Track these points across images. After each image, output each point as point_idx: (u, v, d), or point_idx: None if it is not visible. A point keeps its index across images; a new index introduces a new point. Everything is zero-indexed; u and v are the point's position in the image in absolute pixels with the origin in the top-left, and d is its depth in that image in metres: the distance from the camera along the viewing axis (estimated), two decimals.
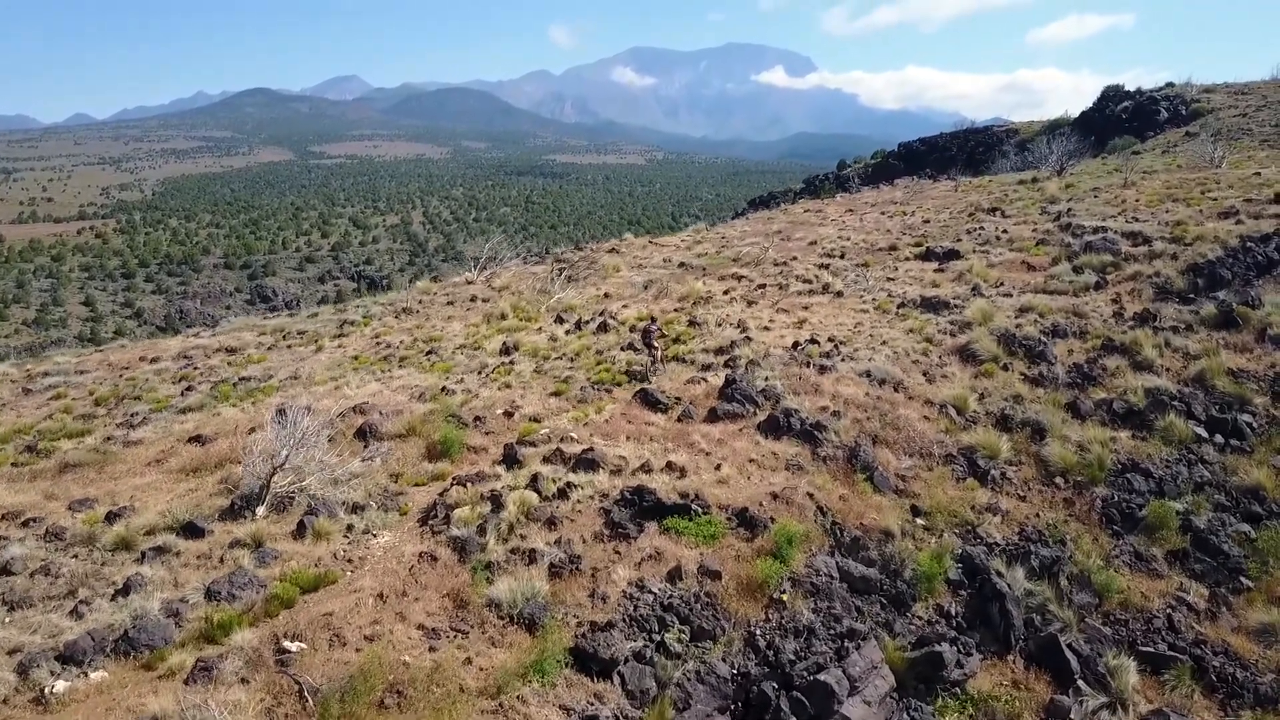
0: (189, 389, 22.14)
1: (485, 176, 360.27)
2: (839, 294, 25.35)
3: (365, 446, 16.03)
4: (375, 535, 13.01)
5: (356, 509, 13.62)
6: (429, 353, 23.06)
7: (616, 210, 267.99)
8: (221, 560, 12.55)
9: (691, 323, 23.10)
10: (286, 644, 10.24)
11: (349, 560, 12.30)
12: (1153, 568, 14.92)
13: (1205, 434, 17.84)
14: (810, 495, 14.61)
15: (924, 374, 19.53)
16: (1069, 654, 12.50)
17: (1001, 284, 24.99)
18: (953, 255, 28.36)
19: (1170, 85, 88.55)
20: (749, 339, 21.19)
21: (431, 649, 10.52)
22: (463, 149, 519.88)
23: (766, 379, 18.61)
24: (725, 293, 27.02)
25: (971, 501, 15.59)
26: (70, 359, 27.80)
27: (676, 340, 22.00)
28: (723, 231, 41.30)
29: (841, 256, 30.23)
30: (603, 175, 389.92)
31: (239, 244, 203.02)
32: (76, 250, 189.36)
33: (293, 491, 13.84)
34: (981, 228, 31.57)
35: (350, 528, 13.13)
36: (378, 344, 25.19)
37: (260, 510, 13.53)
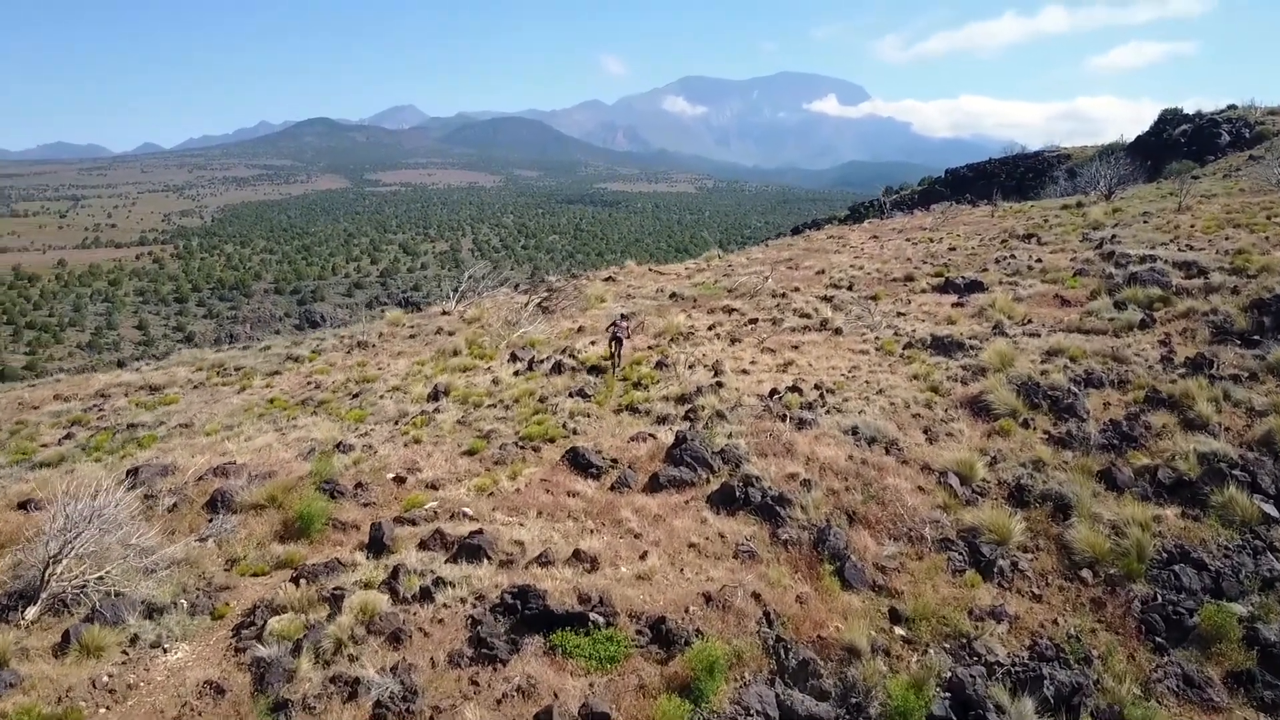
0: (67, 436, 19.70)
1: (536, 204, 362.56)
2: (837, 331, 22.09)
3: (210, 520, 13.16)
4: (167, 651, 10.00)
5: (155, 611, 10.60)
6: (355, 395, 20.37)
7: (664, 237, 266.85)
8: None
9: (659, 364, 20.05)
10: None
11: (112, 690, 9.26)
12: (1207, 696, 11.36)
13: (1276, 513, 14.19)
14: (757, 596, 11.43)
15: (924, 431, 16.23)
16: None
17: (1029, 321, 21.54)
18: (975, 287, 24.94)
19: (1232, 107, 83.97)
20: (720, 384, 18.08)
21: None
22: (515, 177, 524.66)
23: (730, 435, 15.50)
24: (710, 328, 23.93)
25: (970, 603, 12.19)
26: None
27: (637, 385, 18.96)
28: (731, 259, 38.23)
29: (849, 288, 26.95)
30: (652, 203, 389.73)
31: (290, 270, 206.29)
32: (133, 275, 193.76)
33: (84, 585, 10.89)
34: (1013, 256, 28.07)
35: (135, 639, 10.10)
36: (307, 384, 22.55)
37: (31, 612, 10.61)
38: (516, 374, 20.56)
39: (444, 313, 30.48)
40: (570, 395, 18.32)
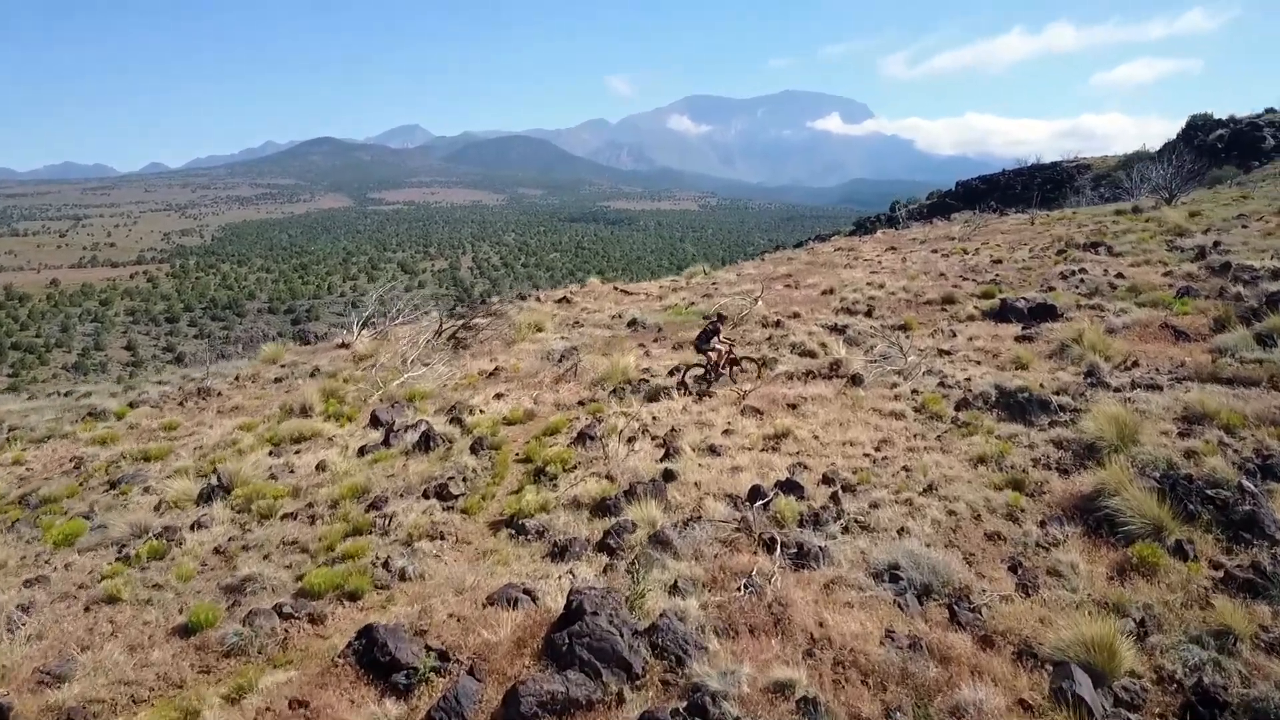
0: None
1: (539, 223, 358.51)
2: (855, 380, 15.35)
3: None
4: None
5: None
6: (114, 484, 13.51)
7: (666, 255, 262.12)
8: None
9: (582, 436, 13.25)
10: None
11: None
12: None
13: None
14: None
15: (1012, 569, 9.47)
16: None
17: (1134, 364, 14.82)
18: (1044, 313, 18.22)
19: (1271, 111, 77.86)
20: (672, 475, 11.36)
21: None
22: (519, 196, 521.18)
23: (674, 587, 8.77)
24: (673, 372, 17.16)
25: None
26: None
27: (540, 474, 12.16)
28: (718, 275, 31.47)
29: (868, 313, 20.22)
30: (655, 221, 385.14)
31: (285, 288, 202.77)
32: (125, 294, 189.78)
33: None
34: (1082, 270, 21.33)
35: None
36: (68, 460, 15.63)
37: None
38: (362, 451, 13.83)
39: (341, 345, 23.76)
40: (424, 495, 11.57)
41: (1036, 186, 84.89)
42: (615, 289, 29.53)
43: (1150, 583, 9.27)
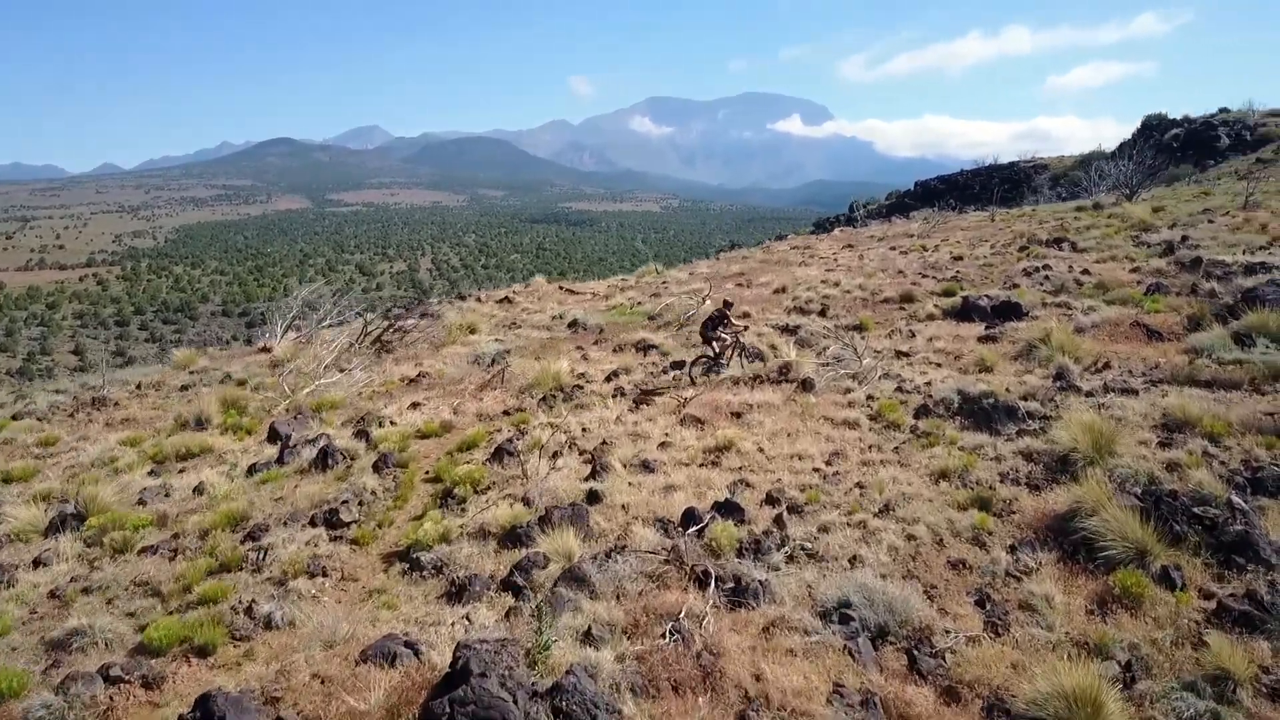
0: None
1: (500, 224, 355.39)
2: (806, 385, 14.09)
3: None
4: None
5: None
6: None
7: (629, 256, 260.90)
8: None
9: (499, 453, 11.83)
10: None
11: None
12: None
13: None
14: None
15: (979, 603, 8.26)
16: None
17: (1106, 366, 13.73)
18: (1009, 311, 17.13)
19: (1225, 110, 78.43)
20: (597, 497, 10.01)
21: None
22: (479, 197, 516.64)
23: (586, 635, 7.43)
24: (610, 377, 15.80)
25: None
26: None
27: (447, 497, 10.72)
28: (669, 274, 30.14)
29: (821, 313, 19.01)
30: (618, 222, 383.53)
31: (240, 291, 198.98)
32: (74, 297, 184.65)
33: None
34: (1046, 266, 20.32)
35: None
36: None
37: None
38: (251, 470, 12.31)
39: (263, 349, 22.07)
40: (311, 523, 10.09)
41: (995, 186, 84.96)
42: (560, 288, 28.10)
43: (1135, 617, 8.12)
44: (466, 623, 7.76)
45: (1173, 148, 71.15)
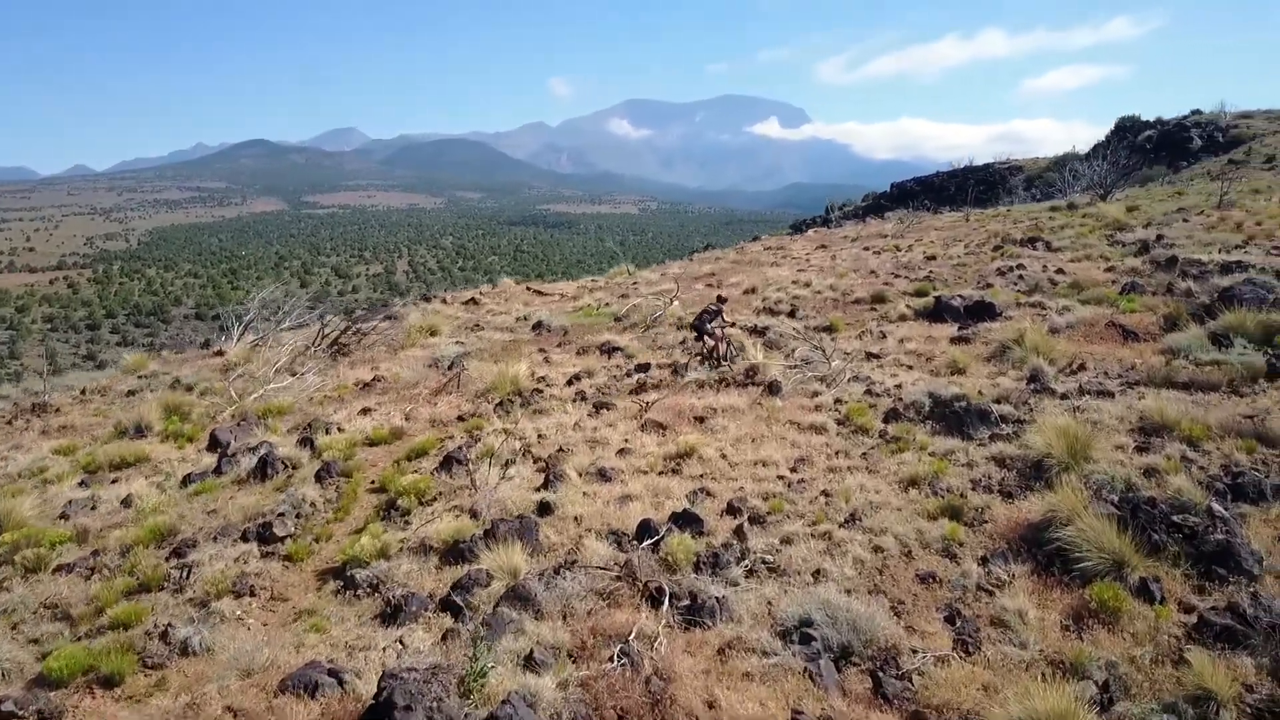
0: None
1: (477, 226, 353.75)
2: (772, 389, 13.60)
3: None
4: None
5: None
6: None
7: (606, 259, 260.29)
8: None
9: (448, 461, 11.23)
10: None
11: None
12: None
13: None
14: None
15: (949, 620, 7.80)
16: None
17: (1081, 367, 13.34)
18: (982, 311, 16.74)
19: (1197, 112, 79.04)
20: (549, 508, 9.48)
21: None
22: (457, 199, 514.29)
23: (527, 660, 6.88)
24: (571, 380, 15.24)
25: None
26: None
27: (390, 509, 10.13)
28: (641, 275, 29.62)
29: (791, 314, 18.56)
30: (596, 224, 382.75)
31: (214, 294, 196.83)
32: (44, 301, 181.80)
33: None
34: (1020, 266, 19.98)
35: None
36: None
37: None
38: (187, 481, 11.66)
39: (218, 353, 21.33)
40: (242, 537, 9.47)
41: (970, 187, 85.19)
42: (528, 289, 27.51)
43: (1112, 633, 7.67)
44: (399, 647, 7.20)
45: (1146, 149, 71.54)
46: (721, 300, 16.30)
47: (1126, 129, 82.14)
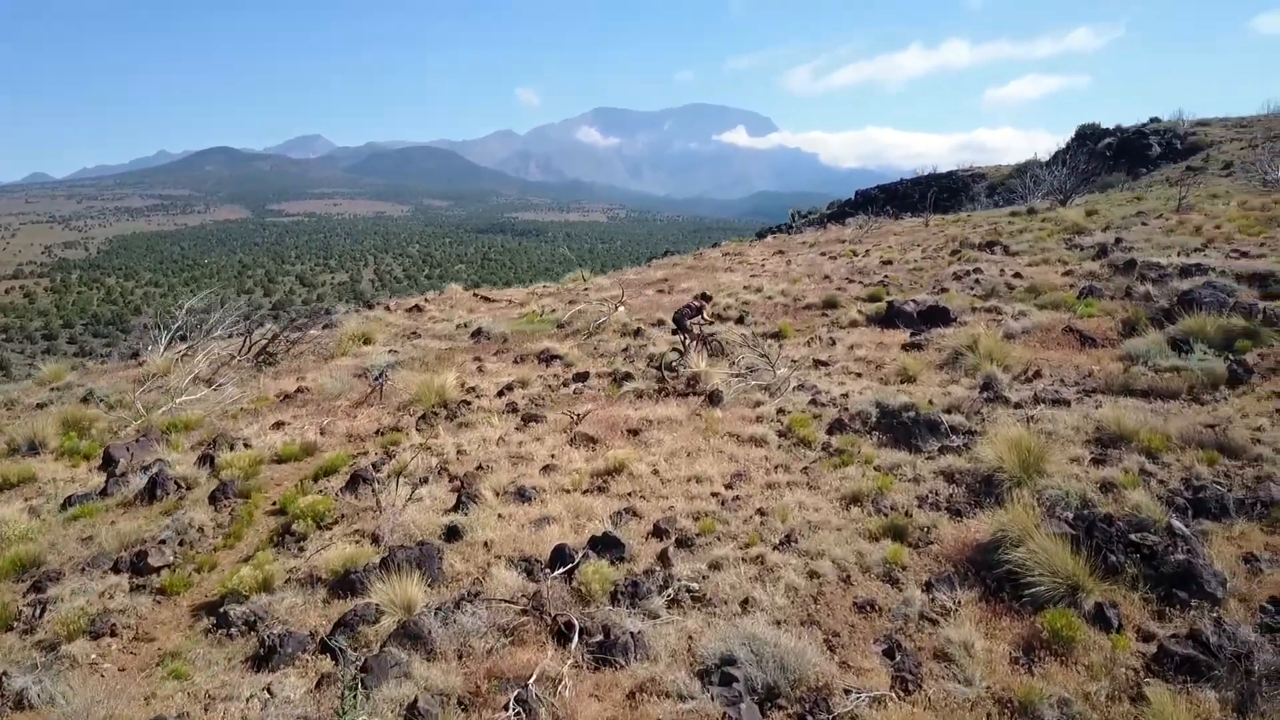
0: None
1: (445, 234, 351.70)
2: (712, 399, 12.87)
3: None
4: None
5: None
6: None
7: (574, 266, 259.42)
8: None
9: (355, 480, 10.37)
10: None
11: None
12: None
13: None
14: None
15: (887, 653, 7.09)
16: None
17: (1037, 374, 12.74)
18: (936, 316, 16.14)
19: (1156, 120, 79.64)
20: (456, 534, 8.65)
21: None
22: (424, 206, 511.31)
23: (415, 706, 6.04)
24: (502, 391, 14.40)
25: None
26: None
27: (285, 535, 9.25)
28: (595, 281, 28.85)
29: (739, 320, 17.88)
30: (564, 232, 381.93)
31: (174, 303, 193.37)
32: None
33: None
34: (977, 270, 19.46)
35: None
36: None
37: None
38: (68, 503, 10.71)
39: (141, 363, 20.25)
40: (114, 568, 8.54)
41: (933, 194, 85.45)
42: (475, 295, 26.65)
43: (1066, 666, 6.99)
44: (266, 696, 6.33)
45: (1106, 156, 71.92)
46: (705, 298, 15.67)
47: (1087, 136, 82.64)
